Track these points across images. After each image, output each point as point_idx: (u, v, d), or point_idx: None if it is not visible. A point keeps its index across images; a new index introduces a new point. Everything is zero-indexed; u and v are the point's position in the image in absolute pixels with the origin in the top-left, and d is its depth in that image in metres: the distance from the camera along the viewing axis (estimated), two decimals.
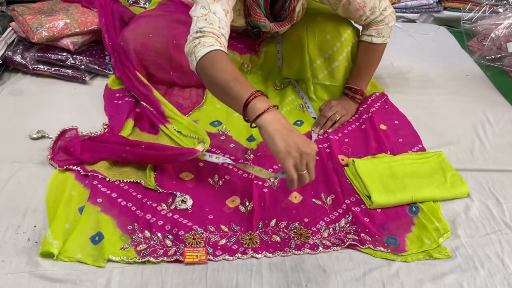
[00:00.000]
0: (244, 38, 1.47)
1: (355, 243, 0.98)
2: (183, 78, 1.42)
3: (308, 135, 1.30)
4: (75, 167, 1.11)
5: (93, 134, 1.21)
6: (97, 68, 1.51)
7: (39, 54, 1.48)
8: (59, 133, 1.21)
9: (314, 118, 1.38)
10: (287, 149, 0.83)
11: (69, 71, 1.48)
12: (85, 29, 1.51)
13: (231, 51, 1.46)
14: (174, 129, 1.24)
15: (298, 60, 1.43)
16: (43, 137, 1.21)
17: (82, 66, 1.49)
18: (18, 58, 1.47)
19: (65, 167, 1.10)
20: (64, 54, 1.49)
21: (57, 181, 1.08)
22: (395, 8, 2.16)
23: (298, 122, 1.36)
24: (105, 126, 1.25)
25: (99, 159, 1.12)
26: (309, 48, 1.37)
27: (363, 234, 1.00)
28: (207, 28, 0.99)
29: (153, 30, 1.36)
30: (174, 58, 1.38)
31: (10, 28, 1.54)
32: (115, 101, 1.37)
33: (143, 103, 1.31)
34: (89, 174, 1.09)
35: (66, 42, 1.48)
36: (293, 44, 1.41)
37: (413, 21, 2.19)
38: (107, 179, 1.08)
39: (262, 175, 1.01)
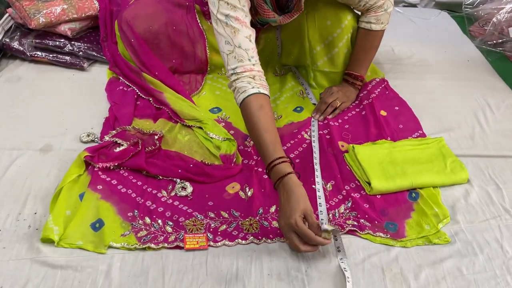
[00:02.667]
0: None
1: (354, 228, 0.98)
2: (185, 64, 1.42)
3: (308, 121, 1.30)
4: (111, 165, 1.08)
5: (148, 148, 1.13)
6: (95, 54, 1.50)
7: (37, 41, 1.46)
8: (111, 139, 1.14)
9: (314, 104, 1.37)
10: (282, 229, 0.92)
11: (67, 58, 1.47)
12: (83, 15, 1.49)
13: None
14: (200, 128, 1.23)
15: (298, 46, 1.42)
16: (92, 141, 1.18)
17: (80, 53, 1.48)
18: (15, 44, 1.46)
19: (101, 165, 1.07)
20: (62, 40, 1.48)
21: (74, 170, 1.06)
22: None
23: (298, 109, 1.36)
24: (156, 139, 1.17)
25: (162, 174, 1.09)
26: (309, 34, 1.36)
27: (362, 220, 1.00)
28: (239, 68, 1.05)
29: (151, 12, 1.35)
30: (176, 44, 1.37)
31: (7, 14, 1.52)
32: (118, 88, 1.37)
33: (150, 99, 1.32)
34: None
35: (64, 28, 1.47)
36: (292, 30, 1.39)
37: (414, 5, 2.17)
38: (109, 166, 1.08)
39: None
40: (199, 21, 1.40)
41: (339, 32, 1.31)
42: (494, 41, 1.80)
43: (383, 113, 1.32)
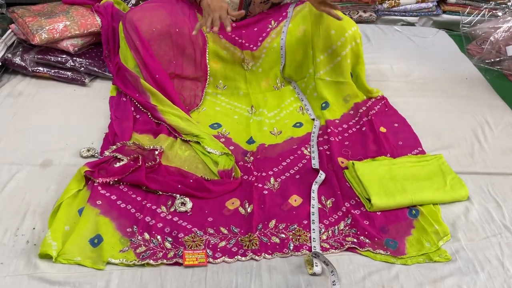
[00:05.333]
0: (244, 30, 1.47)
1: (354, 246, 0.97)
2: (185, 67, 1.42)
3: (308, 137, 1.30)
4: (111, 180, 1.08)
5: (149, 163, 1.13)
6: (96, 70, 1.51)
7: (39, 56, 1.48)
8: (112, 154, 1.15)
9: (313, 119, 1.38)
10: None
11: (69, 73, 1.48)
12: (85, 31, 1.51)
13: (232, 45, 1.46)
14: (196, 142, 1.23)
15: (301, 54, 1.45)
16: (92, 156, 1.18)
17: (82, 68, 1.49)
18: (17, 60, 1.47)
19: (101, 180, 1.07)
20: (64, 56, 1.49)
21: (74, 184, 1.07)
22: (394, 11, 2.15)
23: (298, 124, 1.36)
24: (156, 154, 1.17)
25: (162, 189, 1.09)
26: (313, 42, 1.41)
27: (362, 237, 0.99)
28: None
29: (156, 14, 1.37)
30: (177, 45, 1.38)
31: (10, 30, 1.54)
32: (121, 100, 1.38)
33: (149, 114, 1.33)
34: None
35: (66, 44, 1.48)
36: (297, 39, 1.44)
37: (412, 24, 2.20)
38: (109, 181, 1.08)
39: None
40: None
41: (343, 40, 1.36)
42: (492, 60, 1.81)
43: (382, 129, 1.33)
